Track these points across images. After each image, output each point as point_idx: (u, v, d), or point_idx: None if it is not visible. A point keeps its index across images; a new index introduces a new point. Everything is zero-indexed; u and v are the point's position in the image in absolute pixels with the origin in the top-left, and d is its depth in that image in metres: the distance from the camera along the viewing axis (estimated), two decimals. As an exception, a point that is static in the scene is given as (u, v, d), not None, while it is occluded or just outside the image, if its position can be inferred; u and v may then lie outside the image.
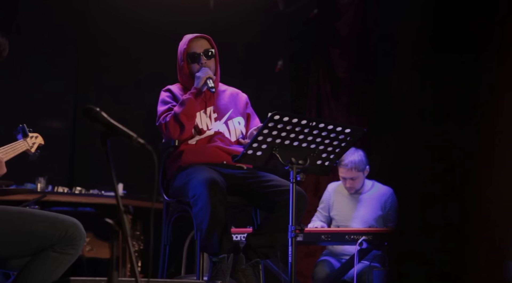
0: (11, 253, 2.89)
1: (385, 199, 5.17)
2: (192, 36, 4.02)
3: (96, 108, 2.37)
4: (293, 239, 3.39)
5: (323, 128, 3.42)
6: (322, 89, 6.91)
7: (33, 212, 2.97)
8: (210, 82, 3.85)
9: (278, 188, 3.74)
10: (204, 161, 3.84)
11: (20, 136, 3.45)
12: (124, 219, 2.34)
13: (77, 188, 5.94)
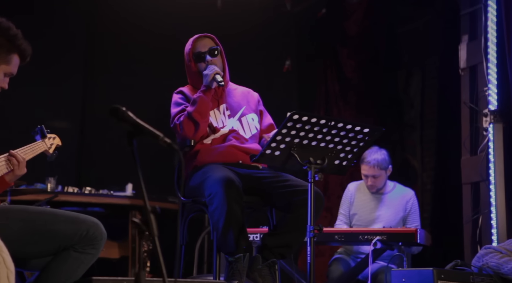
0: (33, 253, 2.89)
1: (407, 200, 5.18)
2: (196, 36, 4.03)
3: (123, 107, 2.36)
4: (311, 239, 3.39)
5: (342, 127, 3.41)
6: (331, 88, 6.92)
7: (54, 212, 2.96)
8: (218, 77, 3.86)
9: (295, 188, 3.73)
10: (220, 160, 3.83)
11: (38, 137, 3.44)
12: (152, 219, 2.33)
13: (87, 188, 5.95)
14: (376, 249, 4.45)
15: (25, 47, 3.06)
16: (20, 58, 3.07)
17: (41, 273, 2.92)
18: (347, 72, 6.85)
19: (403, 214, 5.16)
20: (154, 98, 7.02)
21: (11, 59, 3.01)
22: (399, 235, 4.52)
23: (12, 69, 3.03)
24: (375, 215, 5.16)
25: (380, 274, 4.73)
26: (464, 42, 5.35)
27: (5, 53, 2.98)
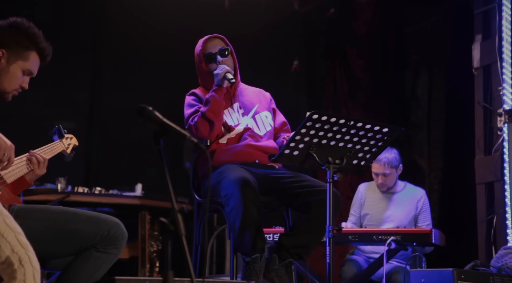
0: (54, 252, 2.88)
1: (417, 199, 5.18)
2: (206, 37, 4.03)
3: (149, 107, 2.36)
4: (330, 240, 3.38)
5: (361, 127, 3.41)
6: (339, 89, 6.91)
7: (76, 212, 2.96)
8: (229, 75, 3.85)
9: (312, 188, 3.72)
10: (236, 160, 3.82)
11: (56, 137, 3.44)
12: (179, 218, 2.32)
13: (97, 188, 5.94)
14: (390, 249, 4.44)
15: (44, 45, 3.05)
16: (39, 56, 3.06)
17: (62, 273, 2.92)
18: (356, 72, 6.84)
19: (415, 213, 5.16)
20: (161, 97, 7.02)
21: (28, 56, 3.00)
22: (414, 235, 4.51)
23: (31, 67, 3.02)
24: (387, 215, 5.16)
25: (394, 274, 4.72)
26: (478, 42, 5.34)
27: (22, 49, 2.98)
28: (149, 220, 6.15)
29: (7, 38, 2.97)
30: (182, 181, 6.78)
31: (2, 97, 3.02)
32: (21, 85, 3.03)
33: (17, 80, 3.00)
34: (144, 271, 6.09)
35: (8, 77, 2.96)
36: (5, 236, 2.38)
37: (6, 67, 2.95)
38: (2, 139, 2.82)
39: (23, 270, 2.40)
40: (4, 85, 2.97)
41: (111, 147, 6.82)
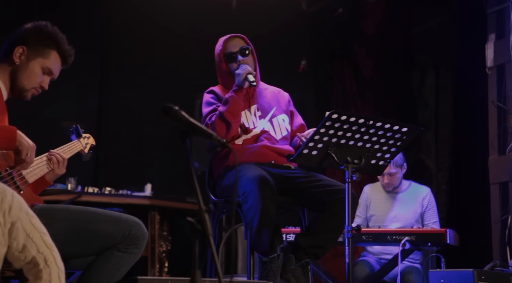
0: (76, 252, 2.87)
1: (423, 197, 5.17)
2: (226, 37, 4.01)
3: (175, 106, 2.35)
4: (349, 239, 3.38)
5: (380, 127, 3.40)
6: (348, 88, 6.91)
7: (97, 212, 2.95)
8: (251, 77, 3.83)
9: (328, 188, 3.71)
10: (252, 160, 3.81)
11: (74, 136, 3.44)
12: (206, 218, 2.31)
13: (107, 188, 5.93)
14: (404, 250, 4.43)
15: (66, 47, 3.06)
16: (60, 57, 3.06)
17: (84, 273, 2.91)
18: (365, 72, 6.84)
19: (421, 211, 5.16)
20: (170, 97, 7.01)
21: (49, 54, 3.01)
22: (428, 236, 4.50)
23: (50, 65, 3.02)
24: (393, 215, 5.16)
25: (407, 274, 4.71)
26: (491, 41, 5.33)
27: (43, 46, 3.00)
28: (158, 220, 6.14)
29: (30, 36, 2.99)
30: (190, 181, 6.80)
31: (21, 95, 3.02)
32: (41, 84, 3.04)
33: (36, 77, 3.00)
34: (154, 271, 6.08)
35: (27, 74, 2.97)
36: (31, 237, 2.37)
37: (25, 64, 2.97)
38: (24, 139, 2.82)
39: (48, 270, 2.40)
40: (23, 82, 2.98)
41: (120, 147, 6.81)
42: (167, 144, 7.12)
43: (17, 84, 2.98)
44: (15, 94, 3.02)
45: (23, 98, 3.05)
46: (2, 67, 2.98)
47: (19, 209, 2.35)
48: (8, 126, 2.83)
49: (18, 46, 2.97)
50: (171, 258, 6.34)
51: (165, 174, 6.95)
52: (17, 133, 2.80)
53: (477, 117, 6.12)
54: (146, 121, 6.92)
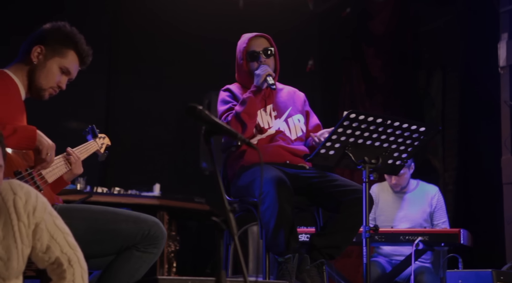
0: (95, 252, 2.87)
1: (431, 197, 5.16)
2: (251, 35, 3.98)
3: (199, 106, 2.34)
4: (367, 239, 3.36)
5: (398, 126, 3.39)
6: (356, 88, 6.90)
7: (116, 211, 2.95)
8: (270, 79, 3.81)
9: (343, 188, 3.69)
10: (267, 160, 3.79)
11: (90, 136, 3.44)
12: (231, 217, 2.30)
13: (116, 188, 5.92)
14: (417, 250, 4.41)
15: (83, 46, 3.07)
16: (77, 57, 3.06)
17: (103, 272, 2.91)
18: (373, 71, 6.82)
19: (429, 210, 5.14)
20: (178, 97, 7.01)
21: (66, 54, 3.01)
22: (442, 236, 4.49)
23: (68, 64, 3.02)
24: (401, 215, 5.14)
25: (419, 274, 4.69)
26: (504, 40, 5.32)
27: (60, 46, 3.00)
28: (167, 220, 6.13)
29: (48, 36, 3.00)
30: (198, 181, 6.81)
31: (39, 94, 3.02)
32: (58, 84, 3.03)
33: (54, 76, 3.00)
34: (163, 271, 6.08)
35: (45, 73, 2.97)
36: (54, 237, 2.38)
37: (43, 63, 2.97)
38: (44, 138, 2.81)
39: (72, 270, 2.41)
40: (41, 81, 2.98)
41: (128, 147, 6.80)
42: (175, 144, 7.12)
43: (35, 84, 2.97)
44: (33, 94, 3.02)
45: (41, 98, 3.05)
46: (20, 67, 2.98)
47: (43, 210, 2.36)
48: (28, 126, 2.83)
49: (36, 46, 2.97)
50: (179, 258, 6.34)
51: (174, 174, 6.95)
52: (37, 132, 2.79)
53: (485, 116, 6.11)
54: (154, 121, 6.92)
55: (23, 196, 2.31)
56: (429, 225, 5.03)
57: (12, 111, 2.82)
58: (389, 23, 6.72)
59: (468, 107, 6.45)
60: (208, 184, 6.80)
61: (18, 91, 2.93)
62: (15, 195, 2.30)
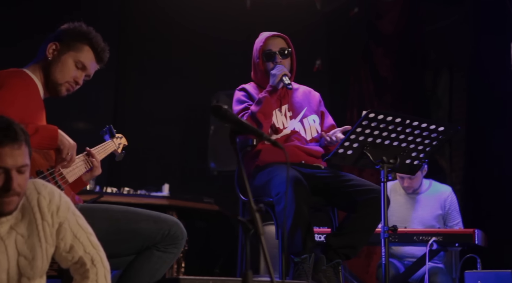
0: (116, 252, 2.85)
1: (444, 198, 5.12)
2: (269, 34, 3.96)
3: (224, 106, 2.33)
4: (385, 240, 3.35)
5: (416, 126, 3.38)
6: (365, 88, 6.88)
7: (137, 211, 2.94)
8: (286, 79, 3.80)
9: (359, 187, 3.68)
10: (283, 160, 3.79)
11: (107, 136, 3.43)
12: (257, 217, 2.29)
13: (125, 189, 5.92)
14: (431, 250, 4.39)
15: (98, 42, 3.06)
16: (93, 52, 3.05)
17: (124, 272, 2.90)
18: (382, 71, 6.81)
19: (442, 212, 5.11)
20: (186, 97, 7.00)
21: (81, 48, 3.02)
22: (456, 236, 4.47)
23: (83, 59, 3.02)
24: (413, 216, 5.11)
25: (432, 275, 4.67)
26: (517, 40, 5.32)
27: (75, 41, 3.01)
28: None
29: (63, 33, 3.00)
30: (206, 181, 6.80)
31: (56, 90, 3.01)
32: (74, 79, 3.02)
33: (69, 71, 2.99)
34: (172, 272, 6.06)
35: (60, 67, 2.98)
36: (78, 237, 2.38)
37: (57, 57, 2.98)
38: (66, 138, 2.81)
39: (95, 270, 2.41)
40: (56, 75, 2.98)
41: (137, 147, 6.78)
42: (183, 144, 7.10)
43: (51, 78, 2.98)
44: (51, 91, 3.01)
45: (58, 94, 3.04)
46: (38, 66, 2.99)
47: (66, 209, 2.36)
48: (50, 125, 2.82)
49: (51, 43, 2.97)
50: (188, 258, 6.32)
51: (182, 175, 6.93)
52: (58, 132, 2.78)
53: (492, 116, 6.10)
54: (162, 121, 6.90)
55: (47, 195, 2.32)
56: (441, 226, 5.00)
57: (32, 110, 2.82)
58: (398, 23, 6.71)
59: (475, 106, 6.44)
60: (217, 184, 6.79)
61: (38, 90, 2.93)
62: (39, 194, 2.30)
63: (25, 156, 2.19)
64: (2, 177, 2.15)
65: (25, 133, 2.18)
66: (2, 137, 2.14)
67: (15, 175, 2.16)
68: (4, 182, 2.16)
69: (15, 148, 2.16)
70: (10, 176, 2.16)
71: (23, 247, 2.25)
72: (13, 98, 2.70)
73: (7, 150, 2.14)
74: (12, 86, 2.74)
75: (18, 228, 2.26)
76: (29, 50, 5.99)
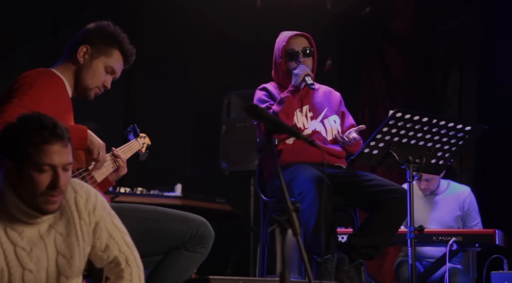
0: (145, 251, 2.82)
1: (463, 199, 5.08)
2: (291, 34, 3.94)
3: (260, 105, 2.31)
4: (412, 240, 3.33)
5: (443, 125, 3.36)
6: (377, 88, 6.85)
7: (165, 211, 2.94)
8: (309, 79, 3.78)
9: (382, 187, 3.66)
10: (304, 160, 3.76)
11: (131, 136, 3.42)
12: (294, 217, 2.28)
13: (139, 189, 5.91)
14: (450, 251, 4.36)
15: (128, 46, 3.06)
16: (122, 56, 3.04)
17: (152, 272, 2.90)
18: (394, 71, 6.78)
19: (461, 213, 5.08)
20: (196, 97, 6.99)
21: (111, 53, 3.01)
22: (476, 236, 4.44)
23: (113, 64, 3.01)
24: (431, 217, 5.07)
25: (452, 276, 4.64)
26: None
27: (105, 45, 3.00)
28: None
29: (93, 36, 2.99)
30: (218, 181, 6.78)
31: (85, 94, 3.01)
32: (103, 83, 3.02)
33: (100, 76, 2.99)
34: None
35: (91, 72, 2.97)
36: (113, 236, 2.38)
37: (89, 62, 2.97)
38: (95, 138, 2.79)
39: (129, 270, 2.40)
40: (87, 80, 2.97)
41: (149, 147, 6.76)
42: (195, 144, 7.08)
43: (81, 83, 2.97)
44: (79, 93, 3.01)
45: (87, 97, 3.05)
46: (66, 66, 2.97)
47: (102, 208, 2.37)
48: (79, 125, 2.81)
49: (82, 45, 2.95)
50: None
51: (194, 175, 6.92)
52: (88, 132, 2.77)
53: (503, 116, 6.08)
54: (174, 121, 6.88)
55: (84, 194, 2.32)
56: (460, 228, 4.97)
57: (61, 110, 2.80)
58: (411, 23, 6.69)
59: (486, 106, 6.42)
60: (228, 184, 6.77)
61: (66, 91, 2.92)
62: (76, 193, 2.31)
63: (70, 154, 2.19)
64: (49, 174, 2.15)
65: (68, 131, 2.17)
66: (50, 135, 2.13)
67: (61, 172, 2.16)
68: (52, 179, 2.15)
69: (62, 146, 2.16)
70: (57, 173, 2.15)
71: (62, 246, 2.25)
72: (43, 98, 2.69)
73: (55, 147, 2.14)
74: (42, 86, 2.73)
75: (57, 227, 2.25)
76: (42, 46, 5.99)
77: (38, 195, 2.15)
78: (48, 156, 2.13)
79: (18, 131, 2.13)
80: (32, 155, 2.12)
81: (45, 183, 2.15)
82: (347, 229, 4.50)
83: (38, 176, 2.13)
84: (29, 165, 2.13)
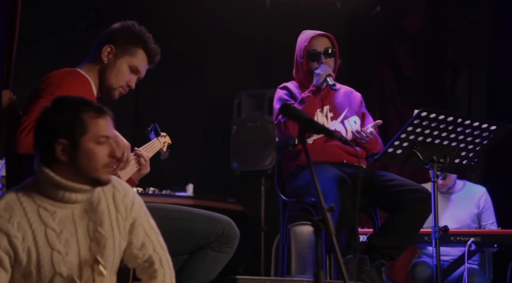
0: (171, 251, 2.81)
1: (479, 197, 5.09)
2: (313, 34, 3.91)
3: (293, 104, 2.29)
4: (437, 240, 3.31)
5: (468, 125, 3.34)
6: (387, 88, 6.83)
7: (191, 211, 2.93)
8: (331, 80, 3.75)
9: (402, 187, 3.63)
10: (324, 160, 3.74)
11: (153, 135, 3.41)
12: (328, 217, 2.26)
13: (151, 189, 5.90)
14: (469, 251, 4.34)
15: (152, 46, 3.05)
16: (146, 56, 3.03)
17: (179, 272, 2.89)
18: (405, 71, 6.76)
19: (477, 211, 5.07)
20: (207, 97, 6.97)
21: (136, 53, 3.00)
22: (495, 237, 4.42)
23: (137, 64, 3.00)
24: (447, 216, 5.06)
25: (469, 277, 4.62)
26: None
27: (130, 45, 2.99)
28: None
29: (117, 35, 2.98)
30: (229, 181, 6.76)
31: (109, 93, 3.00)
32: (128, 83, 3.01)
33: (124, 76, 2.98)
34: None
35: (115, 72, 2.97)
36: (149, 235, 2.40)
37: (113, 62, 2.96)
38: (121, 138, 2.77)
39: (163, 271, 2.41)
40: (111, 80, 2.97)
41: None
42: (206, 144, 7.06)
43: (105, 83, 2.97)
44: (103, 93, 3.01)
45: (111, 97, 3.04)
46: (91, 66, 2.97)
47: (139, 206, 2.42)
48: None
49: (106, 45, 2.94)
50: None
51: (204, 175, 6.89)
52: None
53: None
54: (184, 121, 6.85)
55: (122, 190, 2.37)
56: (476, 226, 4.96)
57: (87, 109, 2.77)
58: (422, 22, 6.67)
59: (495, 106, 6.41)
60: (239, 184, 6.75)
61: (92, 91, 2.92)
62: (114, 188, 2.36)
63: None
64: (106, 146, 2.25)
65: None
66: (99, 110, 2.26)
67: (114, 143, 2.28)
68: (110, 150, 2.26)
69: (111, 118, 2.30)
70: (112, 144, 2.27)
71: (95, 234, 2.26)
72: (70, 97, 2.67)
73: (106, 120, 2.27)
74: (68, 86, 2.73)
75: (91, 214, 2.28)
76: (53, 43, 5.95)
77: (100, 166, 2.23)
78: (104, 128, 2.24)
79: (70, 110, 2.22)
80: (90, 129, 2.21)
81: (105, 154, 2.24)
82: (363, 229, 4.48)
83: (97, 148, 2.23)
84: (88, 139, 2.21)
